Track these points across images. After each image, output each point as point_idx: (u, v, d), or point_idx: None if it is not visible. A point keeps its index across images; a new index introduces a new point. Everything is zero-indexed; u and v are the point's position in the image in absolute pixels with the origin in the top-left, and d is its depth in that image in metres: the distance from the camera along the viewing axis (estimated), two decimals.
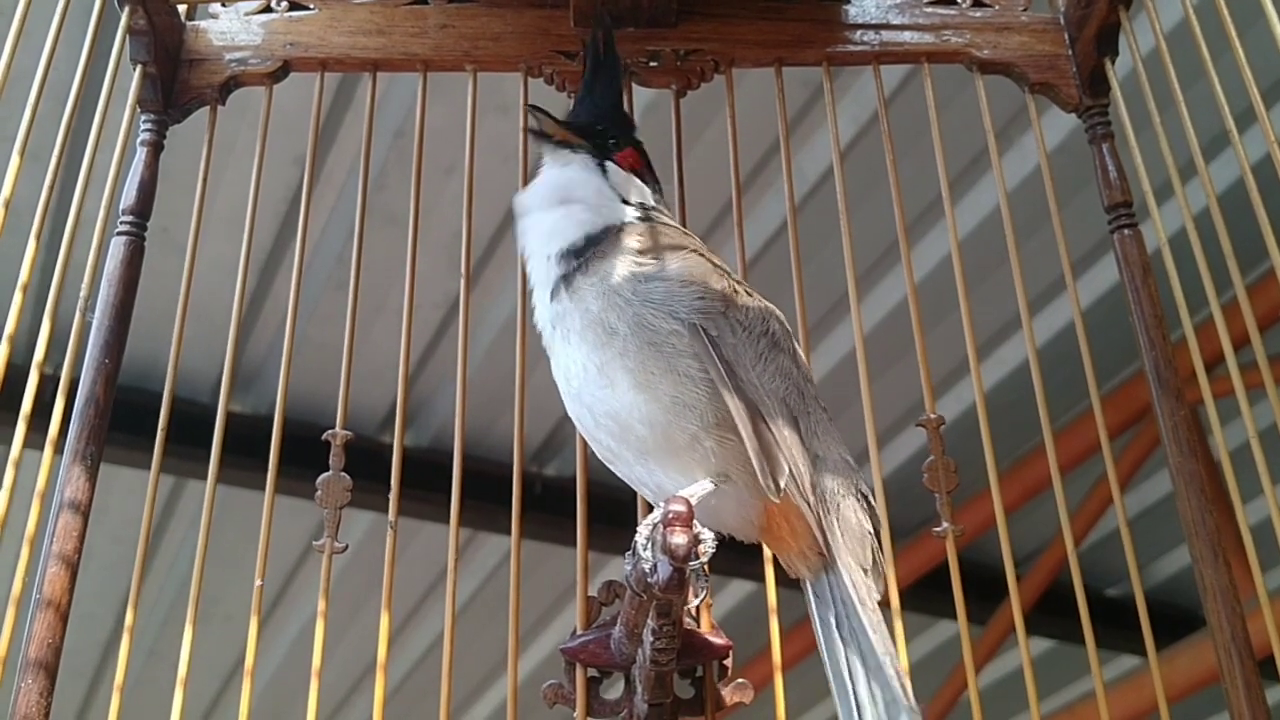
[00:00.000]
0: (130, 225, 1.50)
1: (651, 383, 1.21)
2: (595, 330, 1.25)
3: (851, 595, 1.18)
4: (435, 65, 1.65)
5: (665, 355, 1.21)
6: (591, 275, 1.29)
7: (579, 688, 1.40)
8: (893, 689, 1.14)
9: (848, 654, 1.17)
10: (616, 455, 1.28)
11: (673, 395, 1.20)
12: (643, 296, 1.25)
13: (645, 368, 1.22)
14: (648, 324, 1.23)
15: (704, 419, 1.20)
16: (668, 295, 1.25)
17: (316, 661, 1.37)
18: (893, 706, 1.14)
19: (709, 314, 1.24)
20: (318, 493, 1.41)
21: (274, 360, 3.64)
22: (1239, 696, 1.32)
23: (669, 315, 1.23)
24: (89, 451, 1.37)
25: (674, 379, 1.21)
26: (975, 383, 1.47)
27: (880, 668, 1.15)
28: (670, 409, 1.20)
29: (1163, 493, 4.08)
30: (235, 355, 1.49)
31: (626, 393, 1.22)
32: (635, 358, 1.22)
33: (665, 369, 1.21)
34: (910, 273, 1.54)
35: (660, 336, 1.22)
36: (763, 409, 1.20)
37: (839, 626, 1.18)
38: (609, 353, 1.24)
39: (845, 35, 1.67)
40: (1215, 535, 1.39)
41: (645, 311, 1.23)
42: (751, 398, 1.20)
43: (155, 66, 1.55)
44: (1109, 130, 1.60)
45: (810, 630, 4.08)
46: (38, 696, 1.26)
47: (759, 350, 1.25)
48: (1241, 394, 1.36)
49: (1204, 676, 3.11)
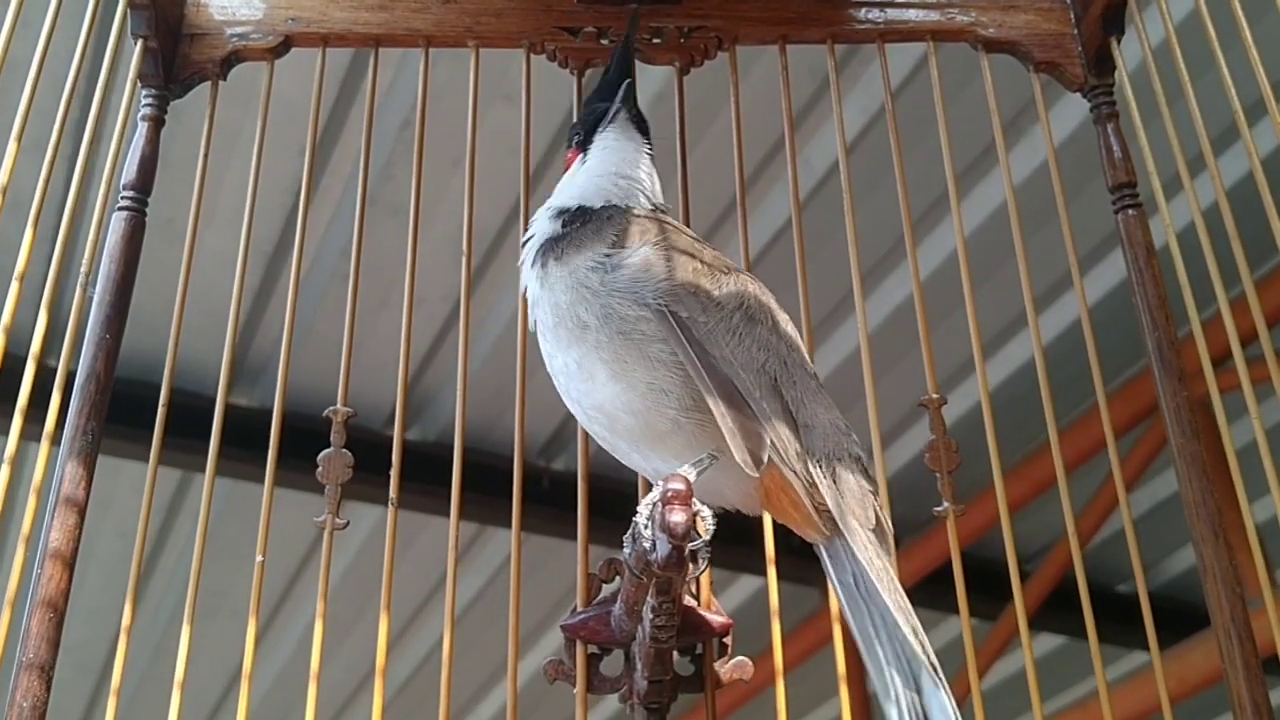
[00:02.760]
0: (131, 201, 1.50)
1: (626, 371, 1.21)
2: (567, 325, 1.26)
3: (860, 556, 1.17)
4: (437, 41, 1.65)
5: (636, 343, 1.22)
6: (563, 266, 1.30)
7: (579, 664, 1.40)
8: (911, 646, 1.13)
9: (868, 614, 1.16)
10: (612, 445, 1.29)
11: (648, 382, 1.21)
12: (609, 286, 1.25)
13: (619, 357, 1.22)
14: (616, 313, 1.23)
15: (681, 402, 1.20)
16: (633, 282, 1.25)
17: (318, 653, 1.37)
18: (914, 662, 1.13)
19: (676, 296, 1.24)
20: (318, 469, 1.41)
21: (282, 353, 3.63)
22: (1238, 678, 1.33)
23: (635, 302, 1.23)
24: (90, 428, 1.37)
25: (647, 365, 1.21)
26: (980, 379, 1.46)
27: (897, 626, 1.14)
28: (647, 395, 1.21)
29: (1171, 490, 4.06)
30: (235, 347, 1.48)
31: (606, 384, 1.23)
32: (609, 349, 1.23)
33: (638, 356, 1.21)
34: (914, 262, 1.54)
35: (629, 325, 1.22)
36: (739, 384, 1.20)
37: (856, 587, 1.18)
38: (585, 347, 1.24)
39: (850, 13, 1.66)
40: (1216, 516, 1.38)
41: (612, 301, 1.24)
42: (725, 374, 1.20)
43: (156, 41, 1.54)
44: (1114, 110, 1.60)
45: (812, 630, 4.08)
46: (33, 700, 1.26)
47: (733, 325, 1.24)
48: (1249, 389, 1.35)
49: (1215, 673, 3.09)
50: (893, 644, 1.15)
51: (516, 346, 1.50)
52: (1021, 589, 1.40)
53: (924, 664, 1.13)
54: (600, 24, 1.64)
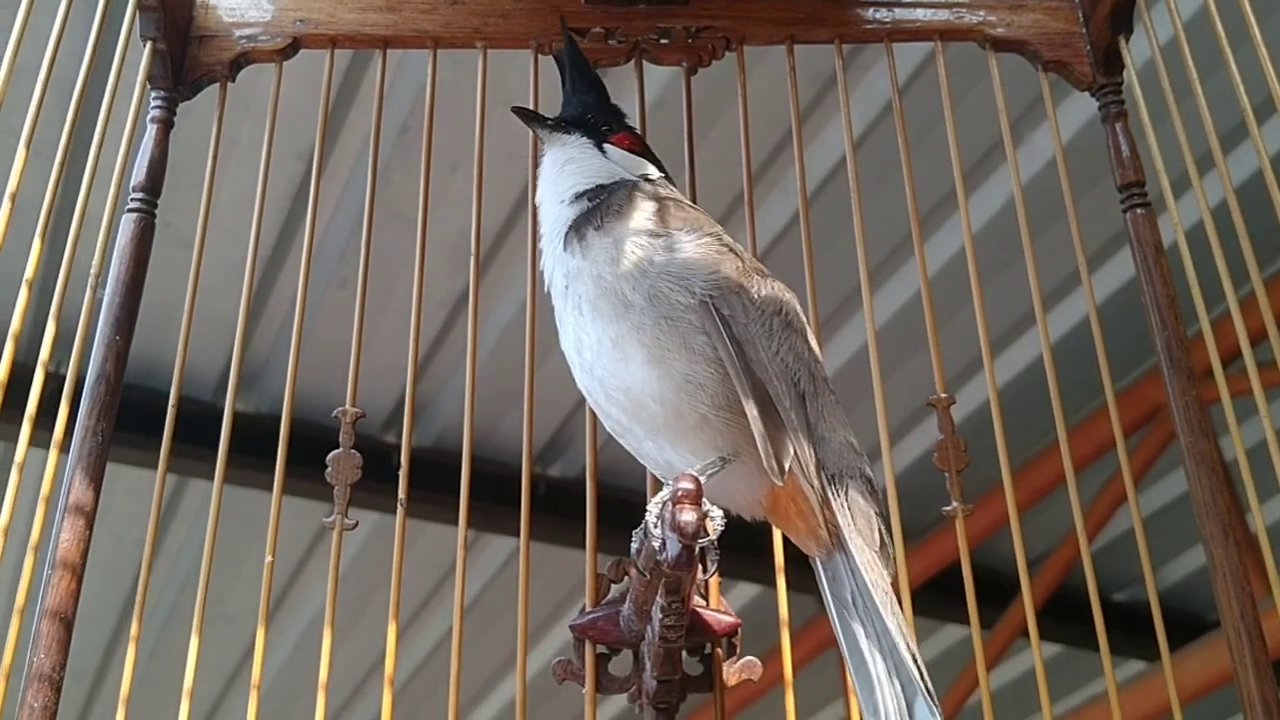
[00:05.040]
0: (140, 202, 1.49)
1: (666, 358, 1.20)
2: (609, 300, 1.24)
3: (864, 575, 1.17)
4: (445, 42, 1.65)
5: (680, 331, 1.20)
6: (606, 235, 1.28)
7: (588, 664, 1.40)
8: (908, 669, 1.13)
9: (864, 633, 1.16)
10: (626, 430, 1.27)
11: (685, 373, 1.20)
12: (660, 268, 1.24)
13: (660, 343, 1.21)
14: (664, 297, 1.22)
15: (714, 399, 1.19)
16: (684, 269, 1.23)
17: (326, 662, 1.37)
18: (909, 687, 1.13)
19: (723, 292, 1.23)
20: (327, 469, 1.41)
21: (277, 358, 3.63)
22: (1248, 677, 1.32)
23: (685, 290, 1.22)
24: (99, 429, 1.36)
25: (687, 355, 1.20)
26: (989, 378, 1.46)
27: (895, 648, 1.14)
28: (682, 387, 1.20)
29: (1173, 495, 4.06)
30: (242, 353, 1.48)
31: (640, 368, 1.21)
32: (650, 332, 1.21)
33: (679, 345, 1.20)
34: (922, 260, 1.54)
35: (676, 311, 1.21)
36: (771, 390, 1.20)
37: (854, 605, 1.17)
38: (624, 325, 1.22)
39: (858, 13, 1.67)
40: (1226, 515, 1.38)
41: (662, 284, 1.22)
42: (760, 378, 1.19)
43: (165, 43, 1.54)
44: (1122, 109, 1.60)
45: (814, 635, 4.04)
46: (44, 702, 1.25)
47: (771, 330, 1.23)
48: (1259, 391, 1.35)
49: (1215, 679, 3.09)
50: (888, 664, 1.14)
51: (517, 352, 1.49)
52: (1018, 591, 1.39)
53: (919, 689, 1.13)
54: (608, 25, 1.64)
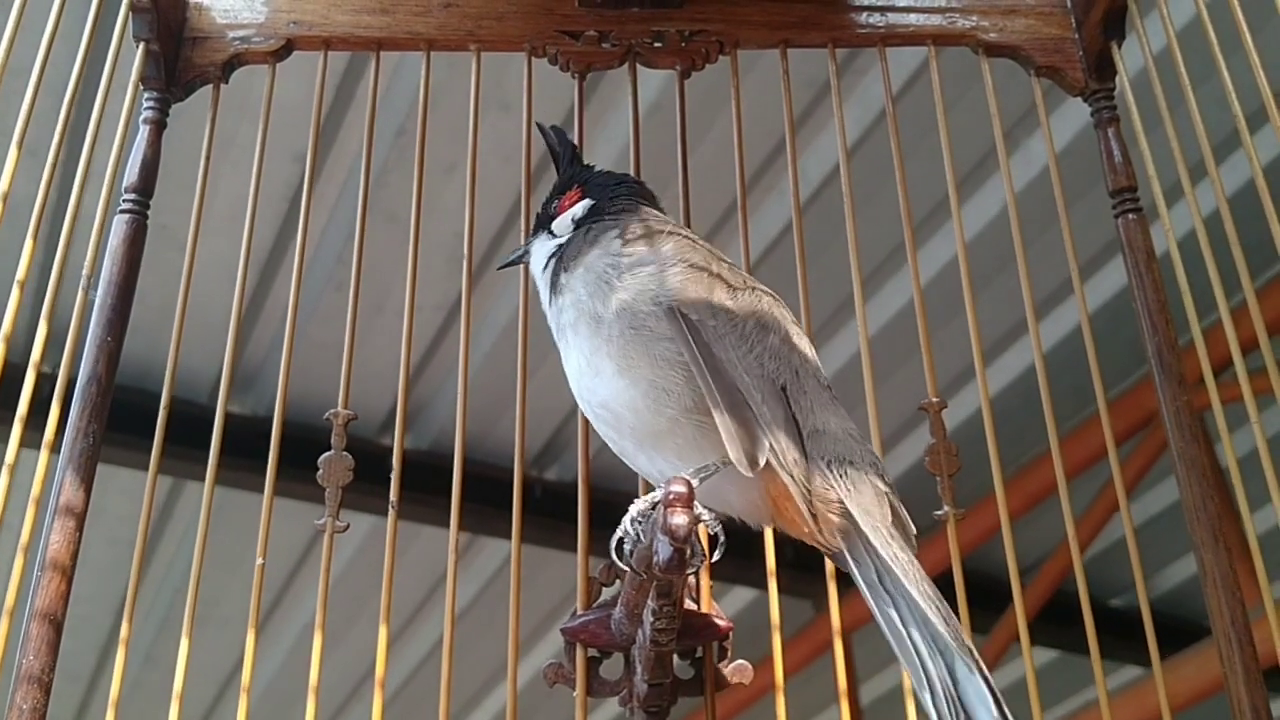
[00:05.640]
0: (133, 203, 1.50)
1: (632, 367, 1.21)
2: (585, 320, 1.26)
3: (881, 550, 1.16)
4: (439, 45, 1.64)
5: (644, 339, 1.22)
6: (578, 266, 1.31)
7: (579, 667, 1.40)
8: (944, 637, 1.12)
9: (895, 609, 1.15)
10: (620, 446, 1.28)
11: (650, 379, 1.20)
12: (625, 281, 1.25)
13: (626, 353, 1.22)
14: (629, 308, 1.23)
15: (681, 402, 1.19)
16: (648, 278, 1.25)
17: (316, 666, 1.37)
18: (948, 652, 1.12)
19: (688, 296, 1.24)
20: (319, 472, 1.41)
21: (273, 361, 3.63)
22: (1238, 683, 1.32)
23: (649, 299, 1.23)
24: (90, 430, 1.36)
25: (651, 362, 1.20)
26: (980, 384, 1.46)
27: (927, 618, 1.13)
28: (649, 393, 1.20)
29: (1169, 501, 4.06)
30: (234, 355, 1.48)
31: (611, 380, 1.23)
32: (618, 343, 1.23)
33: (644, 353, 1.21)
34: (915, 267, 1.54)
35: (640, 320, 1.22)
36: (742, 387, 1.19)
37: (881, 584, 1.17)
38: (597, 340, 1.24)
39: (851, 17, 1.67)
40: (1216, 521, 1.39)
41: (627, 296, 1.24)
42: (730, 377, 1.19)
43: (158, 44, 1.54)
44: (1114, 115, 1.60)
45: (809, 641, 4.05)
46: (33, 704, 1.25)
47: (744, 332, 1.24)
48: (1250, 399, 1.35)
49: (1210, 685, 3.09)
50: (923, 634, 1.14)
51: (512, 356, 1.49)
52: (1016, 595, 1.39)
53: (956, 651, 1.12)
54: (602, 28, 1.64)
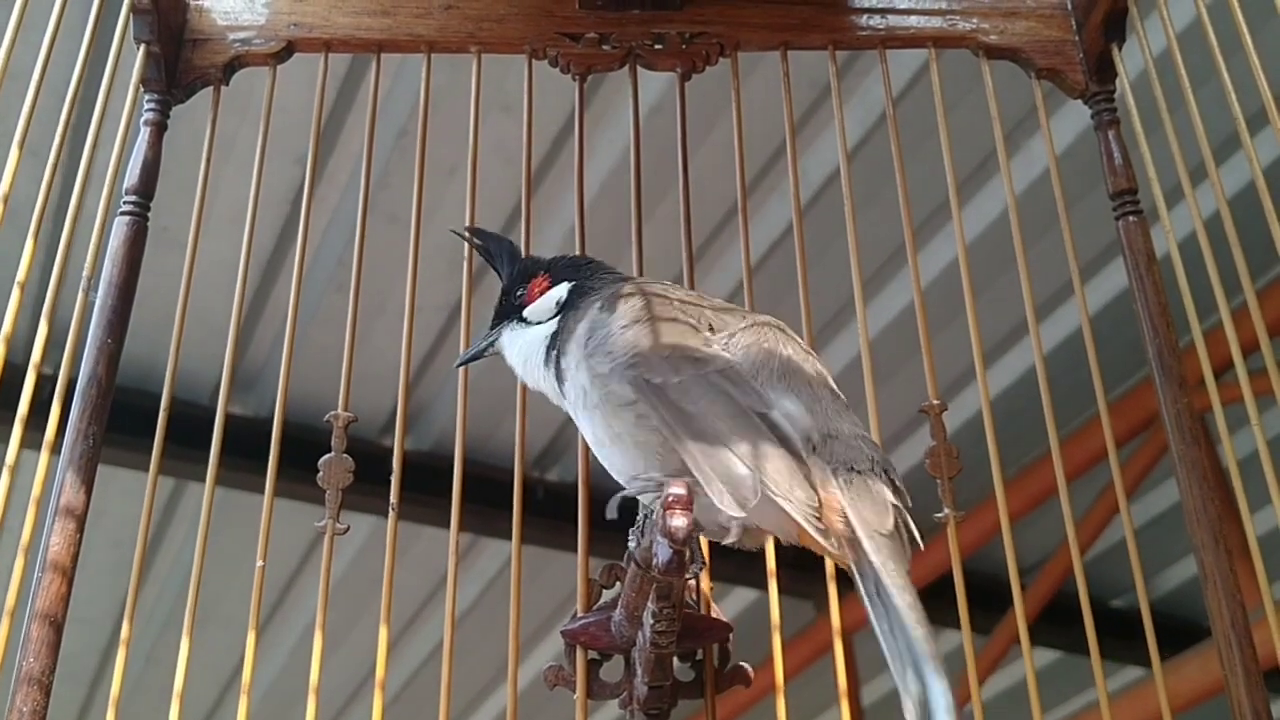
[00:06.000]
0: (134, 205, 1.50)
1: (618, 437, 1.24)
2: (579, 396, 1.29)
3: (874, 559, 1.17)
4: (440, 47, 1.65)
5: (616, 406, 1.24)
6: (571, 344, 1.33)
7: (579, 670, 1.39)
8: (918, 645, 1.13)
9: (889, 616, 1.16)
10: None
11: (635, 442, 1.23)
12: (596, 352, 1.27)
13: (608, 424, 1.25)
14: (603, 380, 1.25)
15: (665, 465, 1.20)
16: (613, 349, 1.26)
17: (317, 665, 1.37)
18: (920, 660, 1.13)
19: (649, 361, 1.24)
20: (319, 474, 1.41)
21: (274, 362, 3.63)
22: (1238, 685, 1.32)
23: (617, 365, 1.25)
24: (91, 432, 1.36)
25: (631, 428, 1.23)
26: (981, 386, 1.46)
27: (904, 627, 1.14)
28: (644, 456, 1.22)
29: (1170, 502, 4.06)
30: (234, 356, 1.48)
31: (610, 450, 1.26)
32: (600, 414, 1.25)
33: (622, 420, 1.23)
34: (915, 269, 1.54)
35: (611, 386, 1.24)
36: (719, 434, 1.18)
37: (878, 595, 1.17)
38: (589, 414, 1.27)
39: (851, 19, 1.67)
40: (1217, 522, 1.38)
41: (599, 368, 1.26)
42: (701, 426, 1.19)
43: (159, 46, 1.54)
44: (1115, 117, 1.60)
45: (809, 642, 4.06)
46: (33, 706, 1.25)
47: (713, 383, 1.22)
48: (1250, 401, 1.35)
49: (1212, 686, 3.09)
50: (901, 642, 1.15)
51: None
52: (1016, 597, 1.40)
53: (925, 656, 1.13)
54: (602, 30, 1.64)
